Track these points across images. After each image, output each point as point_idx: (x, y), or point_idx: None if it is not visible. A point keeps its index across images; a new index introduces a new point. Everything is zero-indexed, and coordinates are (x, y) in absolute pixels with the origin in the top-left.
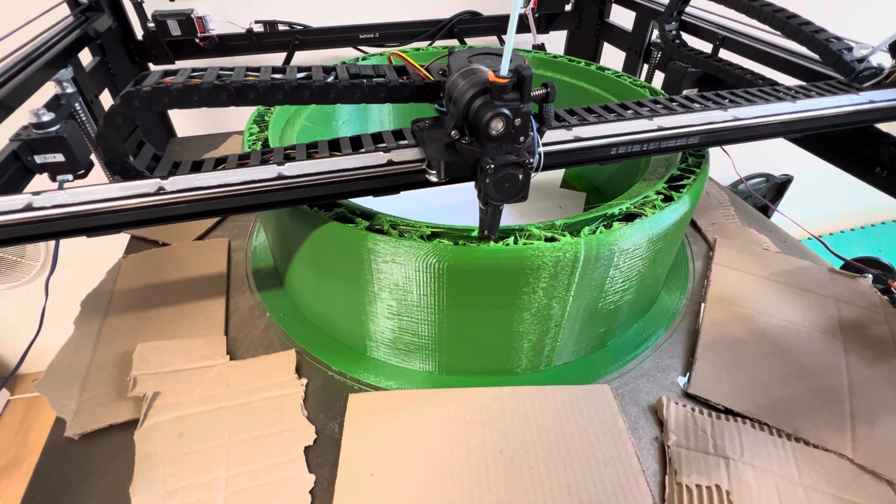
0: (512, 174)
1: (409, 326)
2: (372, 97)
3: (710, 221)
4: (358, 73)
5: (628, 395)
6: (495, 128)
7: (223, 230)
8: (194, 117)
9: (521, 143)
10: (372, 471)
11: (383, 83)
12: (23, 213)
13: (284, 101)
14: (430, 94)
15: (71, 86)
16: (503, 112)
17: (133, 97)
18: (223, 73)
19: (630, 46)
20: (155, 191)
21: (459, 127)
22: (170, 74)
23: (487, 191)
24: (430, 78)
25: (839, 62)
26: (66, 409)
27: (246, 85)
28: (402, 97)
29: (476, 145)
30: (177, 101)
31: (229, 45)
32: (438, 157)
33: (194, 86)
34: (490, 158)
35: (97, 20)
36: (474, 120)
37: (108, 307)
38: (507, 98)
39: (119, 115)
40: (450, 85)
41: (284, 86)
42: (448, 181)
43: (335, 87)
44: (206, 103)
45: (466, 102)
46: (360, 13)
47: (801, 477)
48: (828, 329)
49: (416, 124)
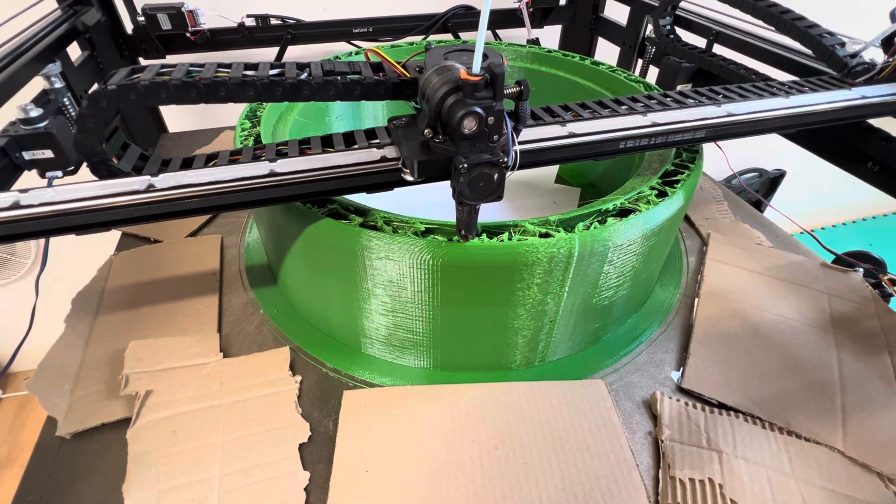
0: (486, 173)
1: (403, 323)
2: (346, 95)
3: (704, 216)
4: (332, 70)
5: (622, 389)
6: (468, 126)
7: (216, 227)
8: (186, 112)
9: (495, 141)
10: (367, 468)
11: (358, 80)
12: (9, 211)
13: (256, 99)
14: (406, 91)
15: (59, 81)
16: (475, 110)
17: (100, 97)
18: (193, 69)
19: (624, 41)
20: (145, 188)
21: (433, 125)
22: (138, 72)
23: (462, 190)
24: (406, 75)
25: (832, 58)
26: (57, 408)
27: (216, 82)
28: (377, 95)
29: (449, 144)
30: (145, 98)
31: (221, 39)
32: (412, 157)
33: (162, 83)
34: (463, 157)
35: (85, 14)
36: (447, 118)
37: (99, 305)
38: (479, 96)
39: (89, 117)
40: (423, 82)
41: (256, 83)
42: (423, 180)
43: (308, 85)
44: (176, 100)
45: (439, 100)
46: (353, 7)
47: (793, 470)
48: (820, 323)
49: (393, 122)
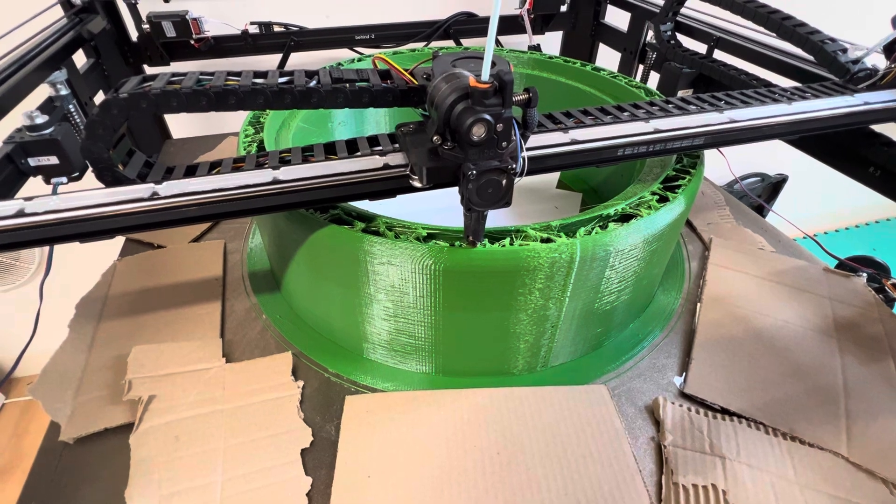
0: (495, 180)
1: (405, 328)
2: (355, 102)
3: (706, 221)
4: (341, 78)
5: (625, 395)
6: (477, 133)
7: (219, 232)
8: (190, 119)
9: (503, 148)
10: (369, 473)
11: (366, 87)
12: (14, 219)
13: (265, 106)
14: (413, 98)
15: (65, 88)
16: (484, 118)
17: (111, 105)
18: (203, 77)
19: (625, 47)
20: (149, 196)
21: (441, 132)
22: (149, 80)
23: (470, 197)
24: (414, 82)
25: (834, 64)
26: (60, 413)
27: (226, 90)
28: (385, 102)
29: (458, 151)
30: (155, 106)
31: (225, 46)
32: (420, 163)
33: (173, 91)
34: (472, 164)
35: (91, 22)
36: (455, 125)
37: (102, 310)
38: (488, 103)
39: (99, 124)
40: (432, 89)
41: (265, 90)
42: (431, 187)
43: (317, 92)
44: (186, 108)
45: (448, 108)
46: (356, 14)
47: (796, 476)
48: (823, 328)
49: (401, 129)
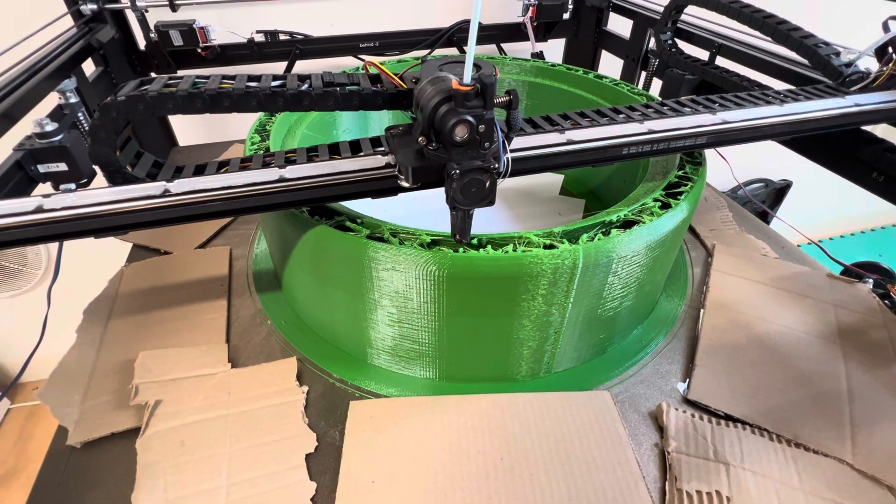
0: (478, 179)
1: (409, 334)
2: (345, 104)
3: (709, 227)
4: (332, 81)
5: (628, 401)
6: (459, 134)
7: (224, 238)
8: (196, 126)
9: (486, 149)
10: (373, 478)
11: (356, 91)
12: (34, 214)
13: (258, 108)
14: (402, 101)
15: (74, 96)
16: (466, 119)
17: (110, 108)
18: (199, 80)
19: (628, 54)
20: (161, 192)
21: (426, 133)
22: (146, 83)
23: (455, 195)
24: (403, 86)
25: (827, 67)
26: (68, 417)
27: (220, 92)
28: (375, 104)
29: (442, 151)
30: (152, 108)
31: (231, 54)
32: (407, 163)
33: (169, 94)
34: (456, 164)
35: (100, 31)
36: (439, 126)
37: (110, 315)
38: (470, 105)
39: (101, 128)
40: (418, 92)
41: (258, 93)
42: (418, 187)
43: (308, 95)
44: (182, 110)
45: (432, 109)
46: (360, 22)
47: (801, 482)
48: (827, 334)
49: (390, 131)
